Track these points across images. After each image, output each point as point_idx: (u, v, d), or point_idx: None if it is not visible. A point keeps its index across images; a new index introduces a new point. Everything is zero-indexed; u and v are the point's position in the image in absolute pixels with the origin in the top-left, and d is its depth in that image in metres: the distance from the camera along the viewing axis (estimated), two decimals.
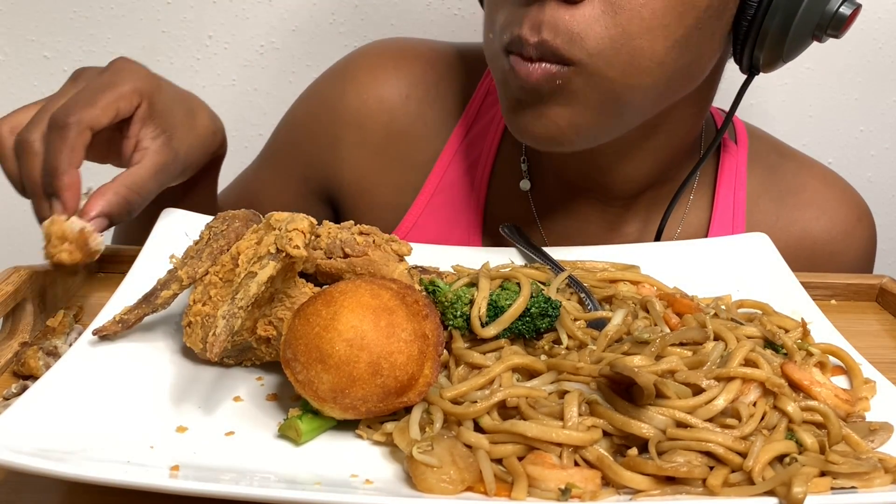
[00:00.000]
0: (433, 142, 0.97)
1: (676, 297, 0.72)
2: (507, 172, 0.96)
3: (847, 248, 0.96)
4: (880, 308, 0.86)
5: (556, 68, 0.73)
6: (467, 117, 0.97)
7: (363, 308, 0.56)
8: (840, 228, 0.96)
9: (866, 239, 0.98)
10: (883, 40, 1.35)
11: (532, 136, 0.78)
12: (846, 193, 0.98)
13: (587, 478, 0.53)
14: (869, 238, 0.99)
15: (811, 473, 0.52)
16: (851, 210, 0.97)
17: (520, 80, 0.74)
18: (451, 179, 0.96)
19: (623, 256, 0.83)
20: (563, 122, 0.76)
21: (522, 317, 0.65)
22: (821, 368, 0.65)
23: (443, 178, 0.96)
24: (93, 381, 0.60)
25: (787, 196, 0.96)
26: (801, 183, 0.97)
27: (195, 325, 0.63)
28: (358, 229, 0.71)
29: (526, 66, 0.73)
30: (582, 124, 0.76)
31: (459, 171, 0.96)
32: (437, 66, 0.99)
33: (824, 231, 0.95)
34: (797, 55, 0.80)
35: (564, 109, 0.75)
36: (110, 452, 0.53)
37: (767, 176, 0.97)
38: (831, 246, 0.96)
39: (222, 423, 0.59)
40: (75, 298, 0.78)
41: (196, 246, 0.68)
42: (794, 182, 0.97)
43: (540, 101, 0.75)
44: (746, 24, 0.76)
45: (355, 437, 0.58)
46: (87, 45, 1.31)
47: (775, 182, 0.97)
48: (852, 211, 0.97)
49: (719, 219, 0.95)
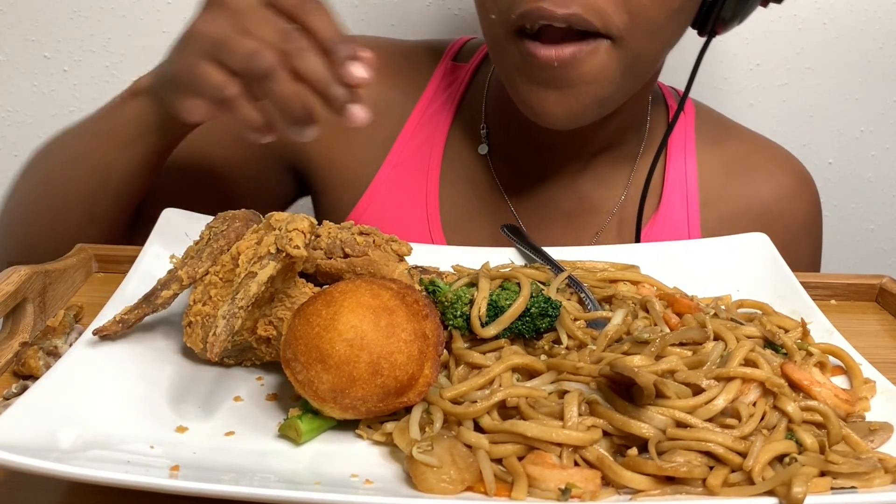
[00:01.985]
0: (393, 119, 1.02)
1: (676, 297, 0.72)
2: (464, 139, 1.01)
3: (794, 210, 1.02)
4: (880, 308, 0.86)
5: (583, 46, 0.77)
6: (424, 100, 1.02)
7: (363, 308, 0.56)
8: (786, 192, 1.02)
9: (811, 202, 1.04)
10: (883, 40, 1.35)
11: (554, 118, 0.82)
12: (788, 161, 1.04)
13: (587, 478, 0.53)
14: (813, 201, 1.05)
15: (811, 473, 0.52)
16: (795, 176, 1.03)
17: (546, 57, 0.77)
18: (410, 152, 1.01)
19: (623, 256, 0.83)
20: (588, 100, 0.80)
21: (522, 317, 0.65)
22: (821, 368, 0.65)
23: (402, 151, 1.01)
24: (93, 381, 0.59)
25: (732, 164, 1.02)
26: (746, 152, 1.03)
27: (195, 325, 0.63)
28: (358, 229, 0.71)
29: (549, 49, 0.77)
30: (604, 98, 0.82)
31: (417, 143, 1.01)
32: (394, 56, 1.04)
33: (771, 195, 1.01)
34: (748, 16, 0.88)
35: (589, 87, 0.80)
36: (110, 452, 0.53)
37: (714, 146, 1.02)
38: (779, 207, 1.01)
39: (222, 423, 0.59)
40: (75, 298, 0.78)
41: (196, 246, 0.68)
42: (739, 151, 1.03)
43: (566, 84, 0.79)
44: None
45: (355, 437, 0.58)
46: (87, 45, 1.31)
47: (722, 152, 1.02)
48: (796, 176, 1.03)
49: (672, 180, 0.99)
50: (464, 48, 1.07)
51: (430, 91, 1.04)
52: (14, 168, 0.96)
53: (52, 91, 1.34)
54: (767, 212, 1.00)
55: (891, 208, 1.45)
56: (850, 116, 1.40)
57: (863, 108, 1.40)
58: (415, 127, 1.02)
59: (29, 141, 1.06)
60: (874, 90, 1.38)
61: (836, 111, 1.39)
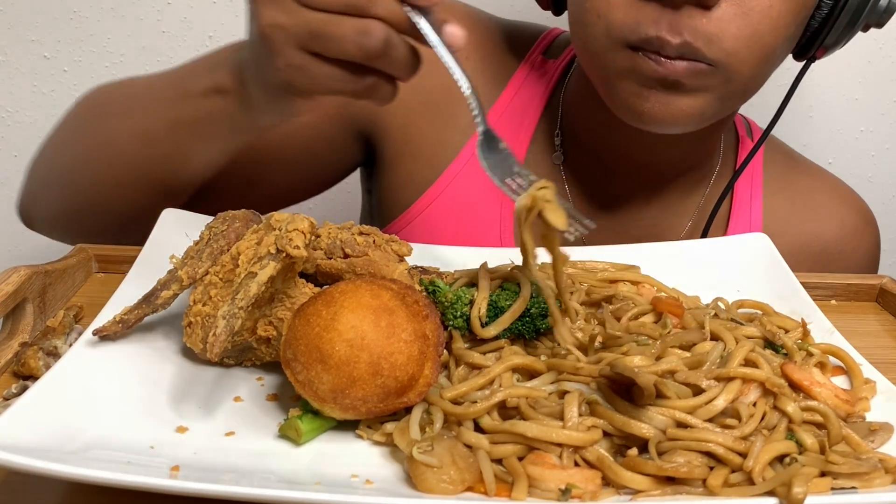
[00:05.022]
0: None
1: (662, 297, 0.72)
2: (542, 146, 0.99)
3: (856, 249, 1.02)
4: (880, 308, 0.86)
5: (699, 66, 0.77)
6: (510, 89, 1.00)
7: (363, 308, 0.56)
8: (849, 231, 1.02)
9: (873, 243, 1.04)
10: (883, 40, 1.35)
11: (653, 118, 0.82)
12: (854, 200, 1.04)
13: (587, 478, 0.53)
14: (875, 243, 1.05)
15: (811, 474, 0.52)
16: (860, 215, 1.03)
17: (659, 72, 0.77)
18: None
19: (623, 256, 0.83)
20: (691, 111, 0.81)
21: (522, 317, 0.65)
22: (821, 369, 0.65)
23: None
24: (93, 381, 0.59)
25: (797, 198, 1.01)
26: (812, 187, 1.03)
27: (195, 326, 0.63)
28: (358, 229, 0.71)
29: (664, 65, 0.77)
30: (706, 112, 0.82)
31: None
32: (493, 35, 1.01)
33: (835, 233, 1.01)
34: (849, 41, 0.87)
35: (694, 100, 0.80)
36: (110, 452, 0.53)
37: (781, 176, 1.02)
38: (840, 245, 1.01)
39: (222, 423, 0.59)
40: (75, 298, 0.78)
41: (196, 246, 0.68)
42: (805, 186, 1.02)
43: (673, 91, 0.79)
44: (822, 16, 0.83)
45: (355, 437, 0.58)
46: (87, 45, 1.31)
47: (788, 184, 1.02)
48: (860, 216, 1.03)
49: (738, 210, 0.99)
50: (554, 42, 1.03)
51: (516, 82, 1.00)
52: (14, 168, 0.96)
53: (52, 91, 1.34)
54: (828, 250, 1.00)
55: (891, 208, 1.45)
56: (850, 116, 1.40)
57: (863, 108, 1.40)
58: (498, 119, 0.98)
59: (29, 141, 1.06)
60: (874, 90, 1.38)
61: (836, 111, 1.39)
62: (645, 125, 0.83)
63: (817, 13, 0.83)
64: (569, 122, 0.98)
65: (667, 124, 0.82)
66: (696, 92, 0.80)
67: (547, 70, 1.01)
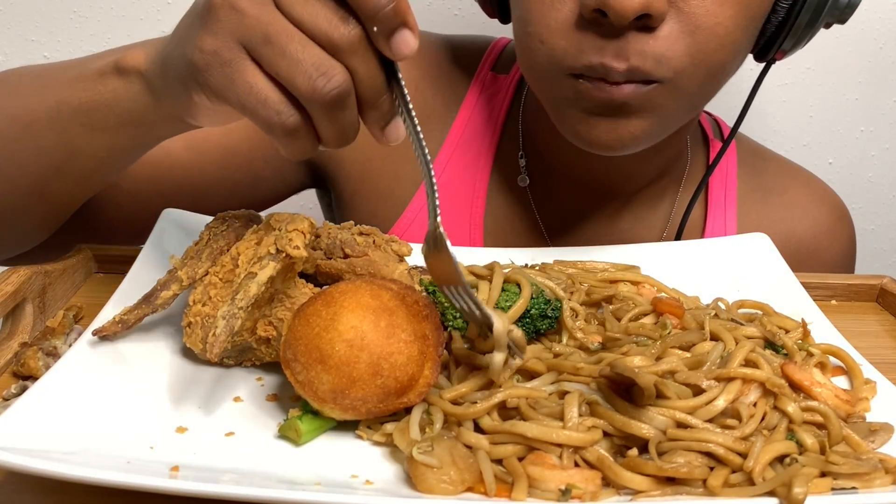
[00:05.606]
0: (434, 134, 0.96)
1: (662, 298, 0.72)
2: (505, 168, 0.97)
3: (830, 246, 1.01)
4: (881, 308, 0.86)
5: (645, 87, 0.75)
6: (464, 111, 0.97)
7: (363, 308, 0.56)
8: (823, 227, 1.00)
9: (847, 238, 1.03)
10: (883, 40, 1.35)
11: (602, 145, 0.80)
12: (827, 195, 1.03)
13: (587, 478, 0.53)
14: (850, 237, 1.04)
15: (812, 474, 0.52)
16: (833, 210, 1.02)
17: (604, 98, 0.75)
18: (451, 175, 0.96)
19: (623, 257, 0.83)
20: (638, 132, 0.79)
21: (522, 318, 0.65)
22: (821, 369, 0.65)
23: (443, 173, 0.96)
24: (93, 381, 0.59)
25: (770, 196, 1.00)
26: (784, 184, 1.02)
27: (195, 326, 0.63)
28: (358, 230, 0.71)
29: (608, 90, 0.75)
30: (654, 132, 0.80)
31: (459, 167, 0.96)
32: (439, 57, 0.98)
33: (808, 230, 1.00)
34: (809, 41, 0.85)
35: (642, 121, 0.78)
36: (110, 452, 0.53)
37: (753, 176, 1.01)
38: (815, 243, 1.00)
39: (222, 423, 0.59)
40: (75, 298, 0.78)
41: (196, 246, 0.68)
42: (777, 183, 1.01)
43: (619, 114, 0.77)
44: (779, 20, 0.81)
45: (355, 437, 0.58)
46: (87, 45, 1.31)
47: (760, 183, 1.01)
48: (833, 211, 1.02)
49: (713, 214, 0.98)
50: (502, 55, 1.00)
51: (469, 104, 0.97)
52: None
53: None
54: (804, 248, 0.99)
55: (891, 208, 1.45)
56: (850, 116, 1.40)
57: (863, 108, 1.40)
58: (455, 146, 0.95)
59: None
60: (874, 90, 1.38)
61: (836, 111, 1.39)
62: (595, 150, 0.81)
63: (773, 17, 0.80)
64: (530, 143, 0.96)
65: (616, 149, 0.80)
66: (644, 112, 0.77)
67: (499, 88, 0.98)
